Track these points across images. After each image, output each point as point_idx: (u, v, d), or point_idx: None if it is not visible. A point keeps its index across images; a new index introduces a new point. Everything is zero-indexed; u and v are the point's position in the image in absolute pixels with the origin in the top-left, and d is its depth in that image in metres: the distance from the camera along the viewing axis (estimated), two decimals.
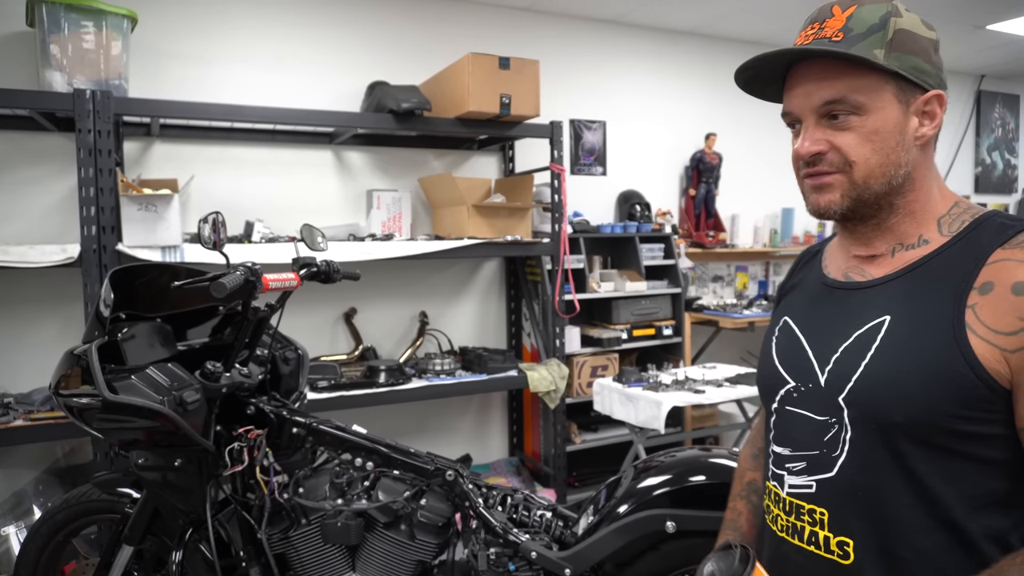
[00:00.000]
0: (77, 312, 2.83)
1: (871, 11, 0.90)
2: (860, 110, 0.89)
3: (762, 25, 4.47)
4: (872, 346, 0.89)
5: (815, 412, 0.95)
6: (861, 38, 0.88)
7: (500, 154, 3.99)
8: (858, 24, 0.89)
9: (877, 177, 0.90)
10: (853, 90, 0.89)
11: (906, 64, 0.88)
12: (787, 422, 0.99)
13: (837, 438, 0.91)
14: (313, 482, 1.91)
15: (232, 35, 3.35)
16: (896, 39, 0.88)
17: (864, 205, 0.92)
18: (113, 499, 2.02)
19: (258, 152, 3.42)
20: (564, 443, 3.57)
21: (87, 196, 2.56)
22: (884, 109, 0.89)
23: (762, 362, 1.08)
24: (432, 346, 3.75)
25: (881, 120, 0.89)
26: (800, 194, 0.99)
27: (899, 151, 0.90)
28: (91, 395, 1.66)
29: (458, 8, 3.85)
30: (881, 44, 0.88)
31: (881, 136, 0.89)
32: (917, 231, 0.93)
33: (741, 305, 4.48)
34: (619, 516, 1.72)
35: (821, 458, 0.93)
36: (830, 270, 1.03)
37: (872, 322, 0.91)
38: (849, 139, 0.90)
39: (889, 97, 0.89)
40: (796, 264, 1.15)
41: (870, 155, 0.89)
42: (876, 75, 0.88)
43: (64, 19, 2.63)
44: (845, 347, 0.92)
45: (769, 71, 0.98)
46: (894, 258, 0.94)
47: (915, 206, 0.93)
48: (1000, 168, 6.12)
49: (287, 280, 1.92)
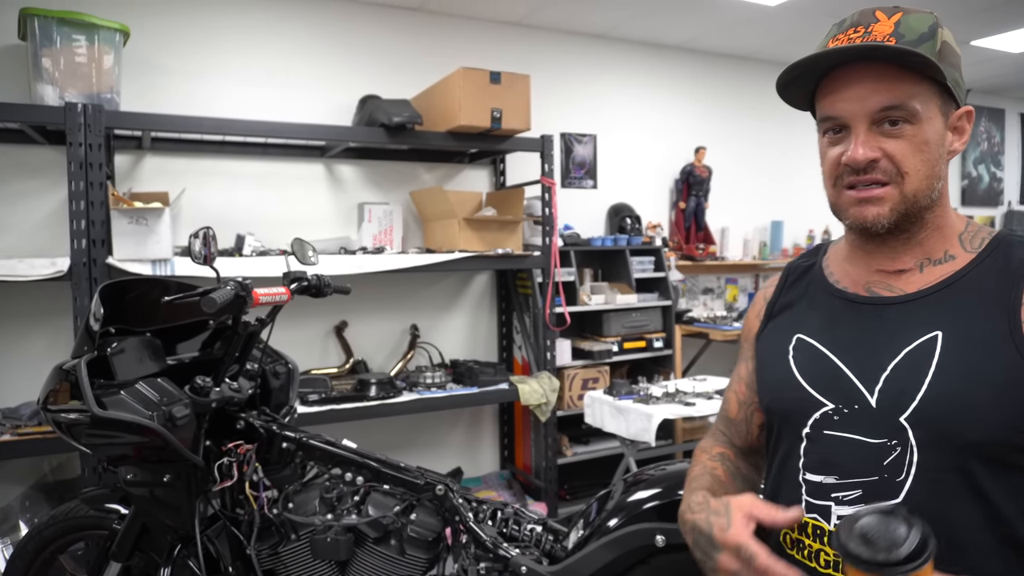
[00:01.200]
0: (66, 326, 2.81)
1: (919, 20, 0.88)
2: (915, 118, 0.86)
3: (751, 40, 4.52)
4: (931, 363, 0.86)
5: (867, 435, 0.89)
6: (915, 45, 0.85)
7: (491, 167, 4.01)
8: (908, 31, 0.86)
9: (924, 190, 0.88)
10: (911, 96, 0.86)
11: (951, 76, 0.87)
12: (828, 447, 0.92)
13: (901, 461, 0.86)
14: (303, 497, 1.90)
15: (224, 49, 3.36)
16: (943, 50, 0.87)
17: (907, 219, 0.90)
18: (101, 515, 2.00)
19: (249, 165, 3.42)
20: (555, 456, 3.56)
21: (77, 209, 2.56)
22: (932, 120, 0.87)
23: (776, 384, 1.00)
24: (423, 359, 3.75)
25: (931, 130, 0.87)
26: (828, 204, 0.95)
27: (941, 163, 0.89)
28: (80, 410, 1.66)
29: (449, 23, 3.87)
30: (932, 53, 0.85)
31: (930, 147, 0.87)
32: (943, 246, 0.92)
33: (731, 317, 4.50)
34: (609, 530, 1.72)
35: (882, 484, 0.87)
36: (845, 284, 0.98)
37: (922, 338, 0.88)
38: (903, 147, 0.87)
39: (935, 108, 0.88)
40: (785, 279, 1.09)
41: (920, 166, 0.87)
42: (928, 84, 0.87)
43: (56, 33, 2.64)
44: (896, 364, 0.88)
45: (811, 73, 0.93)
46: (923, 273, 0.92)
47: (941, 221, 0.92)
48: (986, 181, 6.19)
49: (278, 294, 1.92)
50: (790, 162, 5.01)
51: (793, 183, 5.05)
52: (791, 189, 5.04)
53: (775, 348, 1.03)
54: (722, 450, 1.15)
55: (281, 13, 3.48)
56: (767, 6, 3.88)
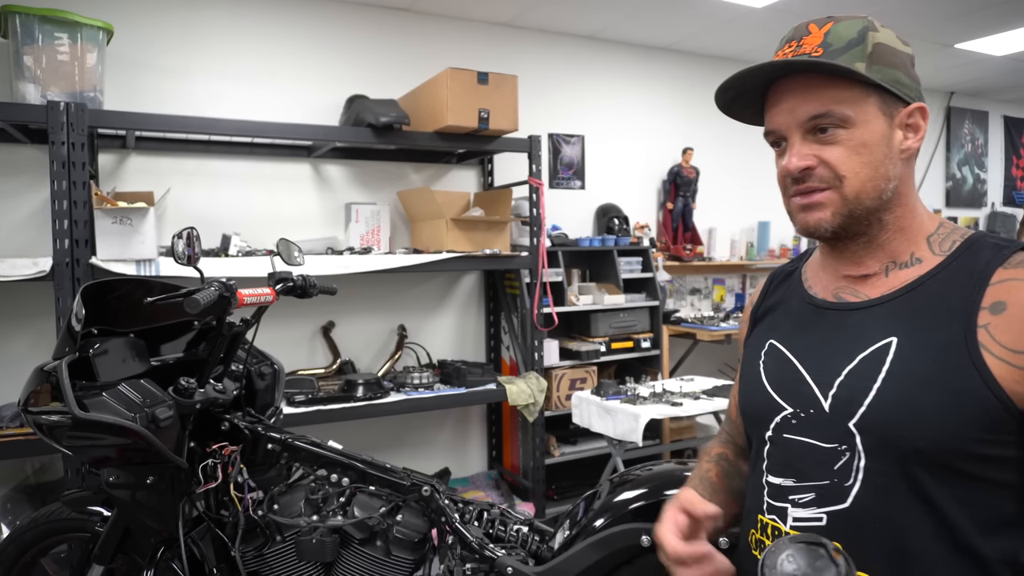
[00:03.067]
0: (48, 327, 2.79)
1: (848, 26, 0.90)
2: (847, 123, 0.88)
3: (735, 42, 4.55)
4: (882, 369, 0.86)
5: (821, 439, 0.90)
6: (841, 52, 0.88)
7: (479, 168, 4.01)
8: (836, 39, 0.89)
9: (868, 192, 0.89)
10: (838, 102, 0.88)
11: (887, 77, 0.88)
12: (786, 451, 0.95)
13: (850, 466, 0.87)
14: (288, 498, 1.89)
15: (210, 48, 3.34)
16: (876, 52, 0.88)
17: (855, 222, 0.91)
18: (83, 517, 1.98)
19: (236, 165, 3.40)
20: (543, 456, 3.57)
21: (60, 209, 2.53)
22: (870, 122, 0.88)
23: (748, 388, 1.04)
24: (411, 359, 3.74)
25: (868, 132, 0.88)
26: (785, 212, 0.97)
27: (887, 164, 0.89)
28: (61, 412, 1.64)
29: (437, 23, 3.87)
30: (862, 57, 0.87)
31: (869, 148, 0.88)
32: (908, 249, 0.91)
33: (718, 318, 4.52)
34: (595, 530, 1.72)
35: (832, 488, 0.88)
36: (816, 290, 1.00)
37: (877, 344, 0.88)
38: (837, 152, 0.88)
39: (874, 110, 0.88)
40: (768, 285, 1.11)
41: (860, 168, 0.88)
42: (859, 88, 0.88)
43: (38, 31, 2.61)
44: (850, 370, 0.89)
45: (749, 91, 0.96)
46: (888, 277, 0.91)
47: (904, 222, 0.92)
48: (970, 183, 6.26)
49: (263, 295, 1.91)
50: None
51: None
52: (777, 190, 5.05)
53: (752, 353, 1.05)
54: (721, 450, 1.19)
55: (268, 12, 3.46)
56: (753, 8, 3.91)
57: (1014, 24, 4.30)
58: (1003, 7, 4.00)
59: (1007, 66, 5.19)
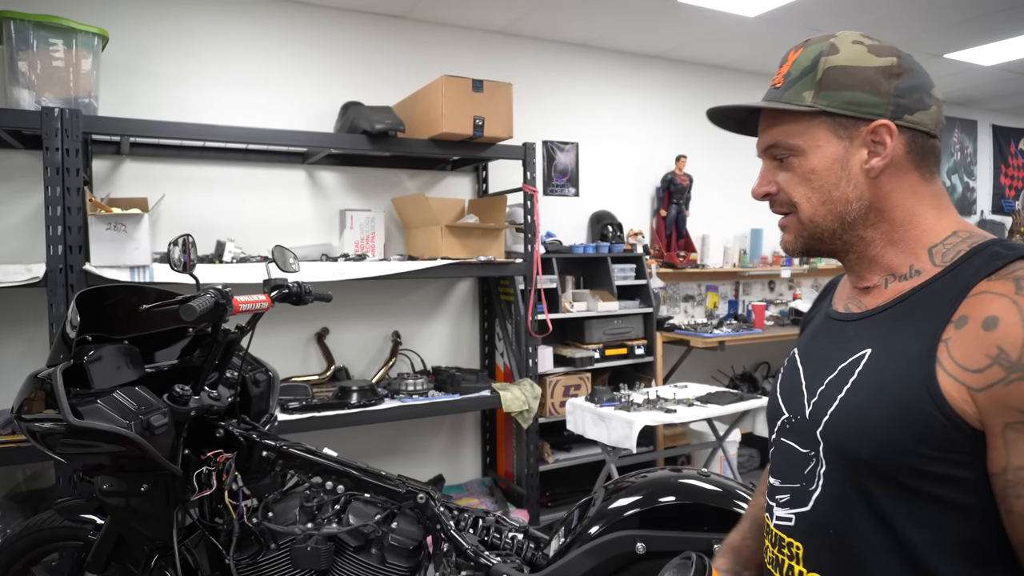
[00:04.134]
0: (42, 334, 2.77)
1: (808, 53, 0.92)
2: (795, 151, 0.91)
3: (728, 51, 4.58)
4: (849, 379, 0.88)
5: (799, 444, 0.94)
6: (794, 82, 0.91)
7: (474, 175, 4.02)
8: (796, 68, 0.92)
9: (823, 215, 0.91)
10: (785, 135, 0.92)
11: (836, 101, 0.88)
12: (780, 453, 0.99)
13: (814, 472, 0.90)
14: (283, 506, 1.89)
15: (205, 54, 3.34)
16: (825, 78, 0.89)
17: (820, 242, 0.94)
18: (76, 526, 1.97)
19: (230, 172, 3.40)
20: (537, 463, 3.57)
21: (54, 215, 2.52)
22: (820, 147, 0.90)
23: (772, 392, 1.08)
24: (405, 366, 3.74)
25: (818, 159, 0.90)
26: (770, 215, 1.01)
27: (843, 186, 0.89)
28: (55, 419, 1.64)
29: (432, 31, 3.88)
30: (811, 85, 0.90)
31: (818, 174, 0.90)
32: (907, 261, 0.90)
33: (712, 324, 4.53)
34: (590, 537, 1.73)
35: (800, 491, 0.92)
36: (836, 301, 1.02)
37: (855, 355, 0.89)
38: (789, 179, 0.93)
39: (824, 135, 0.89)
40: (819, 296, 1.13)
41: (810, 194, 0.91)
42: (805, 117, 0.90)
43: (33, 36, 2.61)
44: (829, 380, 0.91)
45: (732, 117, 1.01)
46: (887, 289, 0.91)
47: (895, 236, 0.90)
48: (959, 191, 6.31)
49: (258, 302, 1.91)
50: None
51: None
52: None
53: (785, 360, 1.10)
54: None
55: (263, 19, 3.47)
56: (746, 17, 3.94)
57: (1001, 35, 4.35)
58: (990, 19, 4.05)
59: (995, 76, 5.25)
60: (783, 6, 3.77)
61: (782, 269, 5.01)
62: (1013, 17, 4.04)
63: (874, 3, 3.72)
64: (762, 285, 5.31)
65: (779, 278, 5.29)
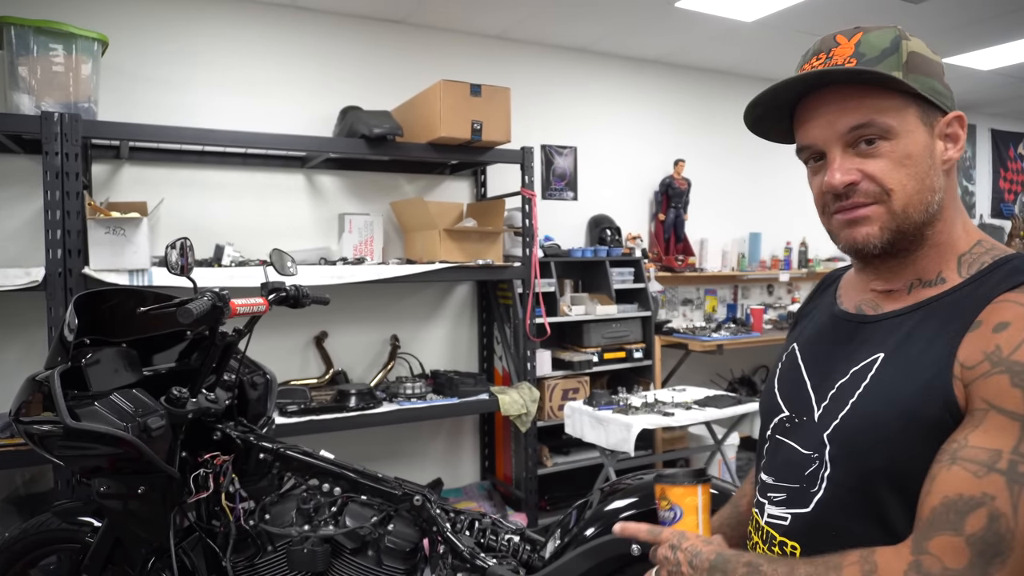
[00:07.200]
0: (40, 337, 2.78)
1: (880, 36, 0.86)
2: (889, 134, 0.84)
3: (727, 55, 4.60)
4: (862, 384, 0.86)
5: (802, 445, 0.93)
6: (876, 62, 0.84)
7: (472, 179, 4.03)
8: (869, 49, 0.85)
9: (916, 205, 0.85)
10: (880, 112, 0.84)
11: (925, 86, 0.85)
12: (776, 451, 0.98)
13: (817, 474, 0.89)
14: (279, 508, 1.89)
15: (204, 59, 3.36)
16: (911, 61, 0.85)
17: (903, 237, 0.86)
18: (73, 528, 1.97)
19: (229, 176, 3.41)
20: (535, 467, 3.57)
21: (53, 219, 2.53)
22: (912, 132, 0.84)
23: (766, 387, 1.06)
24: (403, 370, 3.74)
25: (912, 143, 0.84)
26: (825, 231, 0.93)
27: (932, 175, 0.85)
28: (53, 422, 1.64)
29: (431, 35, 3.90)
30: (897, 67, 0.84)
31: (914, 160, 0.84)
32: (937, 267, 0.88)
33: (710, 328, 4.54)
34: (586, 539, 1.73)
35: (800, 492, 0.91)
36: (843, 301, 0.99)
37: (868, 358, 0.87)
38: (882, 165, 0.84)
39: (914, 120, 0.85)
40: (815, 289, 1.11)
41: (906, 181, 0.84)
42: (899, 97, 0.84)
43: (33, 41, 2.62)
44: (841, 383, 0.89)
45: (779, 106, 0.92)
46: (910, 294, 0.89)
47: (940, 238, 0.88)
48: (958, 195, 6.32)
49: (255, 305, 1.92)
50: (768, 174, 5.08)
51: (771, 195, 5.13)
52: (769, 201, 5.11)
53: (779, 354, 1.08)
54: None
55: (262, 23, 3.49)
56: (744, 22, 3.95)
57: (1000, 40, 4.37)
58: (989, 23, 4.06)
59: (993, 80, 5.26)
60: (781, 11, 3.79)
61: (780, 273, 5.02)
62: (1011, 22, 4.05)
63: (873, 7, 3.74)
64: (760, 289, 5.31)
65: (778, 282, 5.30)
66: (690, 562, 0.91)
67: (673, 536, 0.96)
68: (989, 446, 0.74)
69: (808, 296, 1.13)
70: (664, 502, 1.03)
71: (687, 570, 0.91)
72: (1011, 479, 0.72)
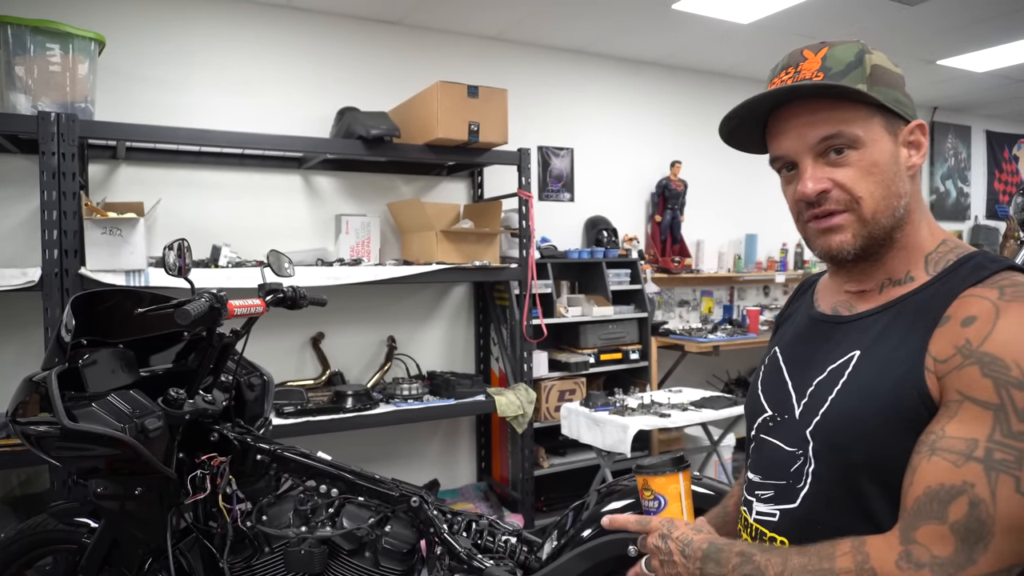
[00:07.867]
0: (37, 338, 2.77)
1: (844, 50, 0.91)
2: (857, 143, 0.88)
3: (723, 57, 4.61)
4: (839, 381, 0.90)
5: (785, 443, 0.96)
6: (842, 75, 0.89)
7: (469, 180, 4.03)
8: (835, 63, 0.90)
9: (884, 210, 0.89)
10: (847, 123, 0.88)
11: (889, 97, 0.89)
12: (761, 450, 1.01)
13: (802, 470, 0.92)
14: (276, 509, 1.89)
15: (201, 60, 3.36)
16: (874, 74, 0.89)
17: (874, 242, 0.91)
18: (70, 529, 1.97)
19: (226, 176, 3.41)
20: (532, 468, 3.57)
21: (50, 219, 2.53)
22: (877, 141, 0.89)
23: (750, 389, 1.10)
24: (400, 371, 3.74)
25: (878, 152, 0.89)
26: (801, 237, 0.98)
27: (898, 181, 0.90)
28: (50, 423, 1.64)
29: (428, 36, 3.90)
30: (862, 79, 0.89)
31: (881, 168, 0.89)
32: (905, 267, 0.92)
33: (706, 329, 4.55)
34: (582, 540, 1.74)
35: (786, 488, 0.94)
36: (820, 303, 1.04)
37: (844, 356, 0.91)
38: (851, 174, 0.89)
39: (879, 129, 0.89)
40: (793, 294, 1.16)
41: (874, 188, 0.89)
42: (864, 108, 0.89)
43: (30, 41, 2.62)
44: (819, 381, 0.93)
45: (752, 119, 0.97)
46: (881, 294, 0.93)
47: (908, 240, 0.92)
48: (953, 196, 6.35)
49: (253, 306, 1.92)
50: (764, 176, 5.07)
51: (767, 197, 5.13)
52: (765, 203, 5.12)
53: (763, 357, 1.11)
54: None
55: (259, 24, 3.48)
56: (740, 24, 3.96)
57: (994, 42, 4.39)
58: (983, 25, 4.08)
59: (988, 82, 5.29)
60: (776, 13, 3.80)
61: (776, 274, 5.04)
62: (1005, 24, 4.07)
63: (868, 9, 3.75)
64: (757, 290, 5.33)
65: (774, 283, 5.31)
66: (682, 551, 0.94)
67: (662, 525, 0.99)
68: (966, 436, 0.77)
69: (787, 301, 1.17)
70: (647, 492, 1.05)
71: (679, 559, 0.94)
72: (988, 466, 0.75)
